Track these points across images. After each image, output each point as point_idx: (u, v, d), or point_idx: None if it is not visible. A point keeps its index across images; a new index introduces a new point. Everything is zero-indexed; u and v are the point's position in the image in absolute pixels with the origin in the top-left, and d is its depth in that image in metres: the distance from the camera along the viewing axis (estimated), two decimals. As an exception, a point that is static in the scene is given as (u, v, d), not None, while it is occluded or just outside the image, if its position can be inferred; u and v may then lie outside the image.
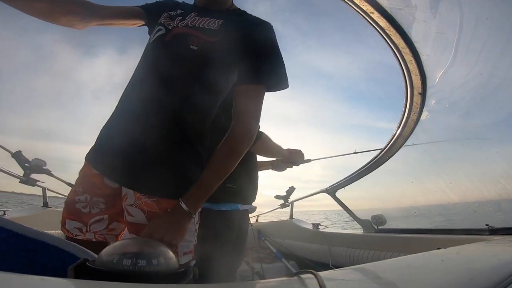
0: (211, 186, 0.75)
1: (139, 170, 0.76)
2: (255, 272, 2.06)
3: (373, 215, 1.80)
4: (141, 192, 0.76)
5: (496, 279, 0.39)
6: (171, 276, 0.46)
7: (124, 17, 0.85)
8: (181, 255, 0.78)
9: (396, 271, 0.52)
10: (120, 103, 0.83)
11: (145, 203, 0.75)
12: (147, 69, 0.82)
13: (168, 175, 0.76)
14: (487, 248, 0.77)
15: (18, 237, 0.43)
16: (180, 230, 0.73)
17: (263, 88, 0.78)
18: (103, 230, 0.80)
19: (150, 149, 0.76)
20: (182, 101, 0.77)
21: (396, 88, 1.57)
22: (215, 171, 0.76)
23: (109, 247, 0.46)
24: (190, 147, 0.80)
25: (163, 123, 0.76)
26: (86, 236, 0.79)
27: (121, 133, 0.77)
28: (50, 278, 0.28)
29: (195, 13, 0.82)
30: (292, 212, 2.86)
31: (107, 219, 0.81)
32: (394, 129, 1.57)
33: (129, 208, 0.77)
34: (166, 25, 0.82)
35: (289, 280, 0.40)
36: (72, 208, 0.79)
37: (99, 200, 0.79)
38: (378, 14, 0.90)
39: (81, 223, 0.78)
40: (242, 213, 1.38)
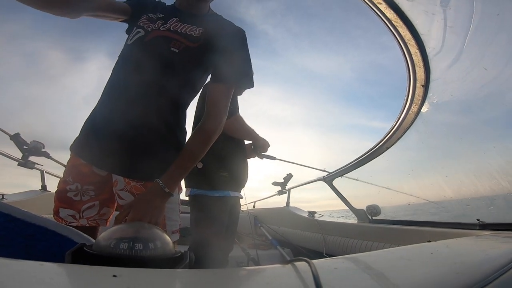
0: (187, 168, 0.83)
1: (126, 158, 0.82)
2: (250, 258, 2.11)
3: (368, 205, 1.83)
4: (130, 177, 0.83)
5: (482, 274, 0.41)
6: (168, 260, 0.47)
7: (113, 11, 0.89)
8: (170, 234, 0.85)
9: (387, 262, 0.53)
10: (103, 96, 0.88)
11: (134, 187, 0.84)
12: (127, 67, 0.87)
13: (153, 161, 0.83)
14: (476, 242, 0.79)
15: (16, 221, 0.44)
16: (160, 209, 0.78)
17: (233, 87, 0.90)
18: (95, 216, 0.87)
19: (135, 138, 0.82)
20: (162, 95, 0.85)
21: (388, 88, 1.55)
22: (191, 155, 0.84)
23: (106, 231, 0.47)
24: (171, 135, 0.88)
25: (146, 114, 0.83)
26: (80, 223, 0.85)
27: (105, 124, 0.83)
28: (49, 264, 0.29)
29: (177, 18, 0.89)
30: (289, 200, 2.89)
31: (98, 205, 0.87)
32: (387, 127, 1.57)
33: (120, 193, 0.85)
34: (145, 28, 0.88)
35: (284, 267, 0.41)
36: (64, 197, 0.84)
37: (89, 187, 0.85)
38: (385, 5, 0.88)
39: (74, 211, 0.84)
40: (233, 199, 1.45)
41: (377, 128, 36.98)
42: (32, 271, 0.26)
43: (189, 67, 0.88)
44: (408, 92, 1.34)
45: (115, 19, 0.92)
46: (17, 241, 0.44)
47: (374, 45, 28.59)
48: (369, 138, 39.36)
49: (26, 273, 0.26)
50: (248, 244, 2.51)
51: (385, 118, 33.52)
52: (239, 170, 1.49)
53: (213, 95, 0.89)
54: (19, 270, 0.26)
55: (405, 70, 1.26)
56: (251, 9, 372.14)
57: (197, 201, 1.38)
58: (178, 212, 0.91)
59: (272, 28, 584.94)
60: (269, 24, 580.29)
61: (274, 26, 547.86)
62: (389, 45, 1.31)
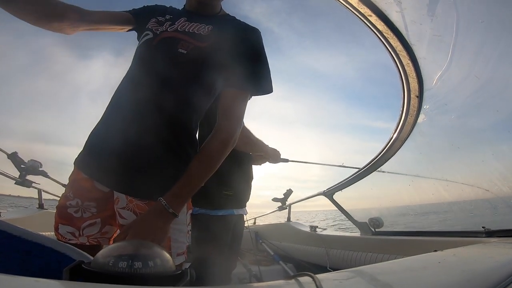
0: (194, 186, 0.75)
1: (130, 174, 0.76)
2: (252, 275, 2.05)
3: (371, 218, 1.81)
4: (133, 196, 0.76)
5: (493, 281, 0.40)
6: (168, 278, 0.45)
7: (112, 22, 0.86)
8: (175, 256, 0.78)
9: (393, 273, 0.52)
10: (109, 108, 0.83)
11: (137, 205, 0.76)
12: (135, 74, 0.83)
13: (159, 178, 0.76)
14: (483, 250, 0.78)
15: (13, 238, 0.43)
16: (163, 231, 0.71)
17: (249, 94, 0.81)
18: (96, 234, 0.80)
19: (141, 153, 0.76)
20: (171, 104, 0.77)
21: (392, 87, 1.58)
22: (199, 172, 0.75)
23: (105, 249, 0.46)
24: (181, 149, 0.80)
25: (153, 126, 0.77)
26: (79, 240, 0.79)
27: (111, 137, 0.77)
28: (45, 280, 0.28)
29: (185, 18, 0.83)
30: (290, 215, 2.86)
31: (100, 223, 0.81)
32: (391, 128, 1.57)
33: (121, 211, 0.77)
34: (153, 30, 0.83)
35: (287, 283, 0.40)
36: (64, 213, 0.79)
37: (91, 204, 0.79)
38: (375, 17, 0.91)
39: (74, 228, 0.78)
40: (237, 217, 1.40)
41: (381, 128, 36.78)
42: (28, 287, 0.25)
43: (199, 70, 0.79)
44: (403, 103, 1.35)
45: (118, 30, 0.89)
46: (13, 257, 0.42)
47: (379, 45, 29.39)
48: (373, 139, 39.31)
49: (21, 290, 0.25)
50: (249, 260, 2.45)
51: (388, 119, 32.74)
52: (243, 186, 1.42)
53: (225, 103, 0.79)
54: (14, 286, 0.25)
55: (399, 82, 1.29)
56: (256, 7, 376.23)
57: (199, 220, 1.33)
58: (186, 233, 0.82)
59: (276, 26, 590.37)
60: (274, 23, 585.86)
61: (278, 24, 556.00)
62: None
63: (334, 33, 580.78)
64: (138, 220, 0.71)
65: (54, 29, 0.78)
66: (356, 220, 1.92)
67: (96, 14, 0.82)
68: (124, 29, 0.90)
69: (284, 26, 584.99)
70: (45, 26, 0.76)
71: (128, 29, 0.91)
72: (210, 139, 0.78)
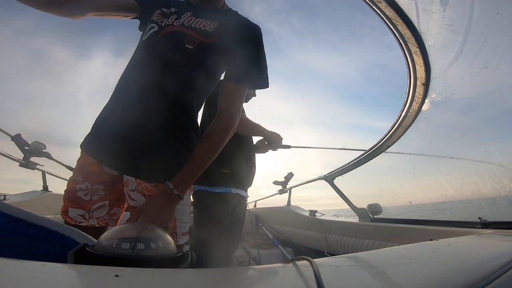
0: (198, 171, 0.81)
1: (138, 158, 0.80)
2: (251, 258, 2.11)
3: (369, 204, 1.83)
4: (141, 178, 0.81)
5: (485, 273, 0.40)
6: (169, 260, 0.47)
7: (120, 9, 0.86)
8: (180, 236, 0.84)
9: (389, 260, 0.53)
10: (115, 94, 0.86)
11: (145, 188, 0.81)
12: (141, 64, 0.84)
13: (165, 162, 0.81)
14: (478, 241, 0.79)
15: (18, 222, 0.44)
16: (170, 213, 0.77)
17: (247, 87, 0.89)
18: (105, 216, 0.85)
19: (148, 138, 0.80)
20: (175, 90, 0.82)
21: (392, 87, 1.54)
22: (202, 158, 0.81)
23: (108, 231, 0.47)
24: (185, 134, 0.86)
25: (159, 112, 0.81)
26: (89, 223, 0.83)
27: (118, 122, 0.80)
28: (51, 264, 0.29)
29: (190, 12, 0.86)
30: (290, 199, 2.90)
31: (108, 205, 0.85)
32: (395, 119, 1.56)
33: (131, 193, 0.82)
34: (159, 23, 0.85)
35: (285, 266, 0.41)
36: (74, 196, 0.82)
37: (99, 187, 0.83)
38: (385, 4, 0.88)
39: (84, 210, 0.82)
40: (237, 197, 1.43)
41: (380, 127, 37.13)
42: (34, 271, 0.27)
43: (204, 65, 0.85)
44: (409, 90, 1.33)
45: (123, 17, 0.89)
46: (19, 242, 0.44)
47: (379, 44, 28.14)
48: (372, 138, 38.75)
49: (28, 273, 0.26)
50: (249, 244, 2.51)
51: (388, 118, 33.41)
52: (241, 167, 1.45)
53: (227, 94, 0.85)
54: (21, 270, 0.26)
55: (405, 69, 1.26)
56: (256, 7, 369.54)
57: (198, 198, 1.37)
58: (188, 213, 0.89)
59: (276, 26, 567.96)
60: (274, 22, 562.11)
61: (278, 24, 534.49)
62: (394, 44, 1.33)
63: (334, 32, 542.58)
64: (148, 203, 0.76)
65: (63, 14, 0.78)
66: (355, 206, 1.94)
67: (104, 0, 0.83)
68: (128, 17, 0.90)
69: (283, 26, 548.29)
70: (54, 11, 0.76)
71: (132, 17, 0.91)
72: (213, 127, 0.83)
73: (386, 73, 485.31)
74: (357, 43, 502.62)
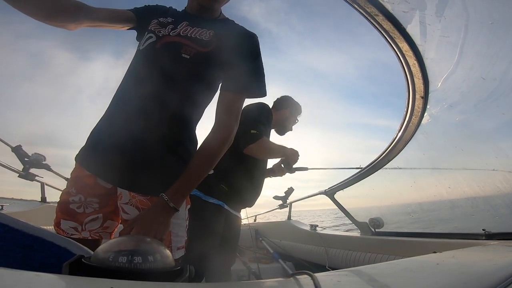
0: (195, 182, 0.80)
1: (133, 171, 0.79)
2: (251, 272, 2.06)
3: (371, 218, 1.81)
4: (135, 191, 0.79)
5: (491, 284, 0.40)
6: (167, 273, 0.46)
7: (115, 20, 0.87)
8: (175, 250, 0.82)
9: (392, 274, 0.52)
10: (112, 106, 0.85)
11: (139, 201, 0.79)
12: (138, 75, 0.84)
13: (161, 174, 0.79)
14: (482, 252, 0.77)
15: (14, 232, 0.43)
16: (165, 225, 0.74)
17: (244, 96, 0.87)
18: (98, 229, 0.83)
19: (143, 150, 0.79)
20: (173, 103, 0.81)
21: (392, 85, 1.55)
22: (198, 169, 0.80)
23: (105, 244, 0.47)
24: (182, 146, 0.84)
25: (156, 125, 0.80)
26: (81, 235, 0.81)
27: (113, 135, 0.79)
28: (45, 274, 0.28)
29: (186, 22, 0.86)
30: (290, 213, 2.86)
31: (102, 218, 0.83)
32: (391, 125, 1.57)
33: (124, 206, 0.80)
34: (156, 33, 0.85)
35: (286, 281, 0.40)
36: (66, 209, 0.81)
37: (93, 200, 0.82)
38: (382, 17, 0.90)
39: (77, 223, 0.81)
40: (229, 213, 1.40)
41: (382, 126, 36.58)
42: (28, 281, 0.26)
43: (201, 74, 0.84)
44: (408, 103, 1.34)
45: (119, 28, 0.90)
46: (15, 252, 0.43)
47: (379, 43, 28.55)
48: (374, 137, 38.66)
49: (21, 284, 0.25)
50: (249, 258, 2.46)
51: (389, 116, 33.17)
52: (242, 189, 1.42)
53: (224, 103, 0.84)
54: (15, 280, 0.26)
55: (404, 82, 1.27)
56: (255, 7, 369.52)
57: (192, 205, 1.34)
58: (185, 227, 0.86)
59: (275, 26, 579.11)
60: (273, 22, 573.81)
61: (277, 24, 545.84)
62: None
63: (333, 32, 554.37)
64: (142, 215, 0.74)
65: (57, 25, 0.79)
66: (356, 220, 1.92)
67: (99, 11, 0.83)
68: (124, 28, 0.91)
69: (283, 26, 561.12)
70: (48, 21, 0.77)
71: (128, 28, 0.91)
72: (211, 138, 0.82)
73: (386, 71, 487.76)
74: (356, 41, 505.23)
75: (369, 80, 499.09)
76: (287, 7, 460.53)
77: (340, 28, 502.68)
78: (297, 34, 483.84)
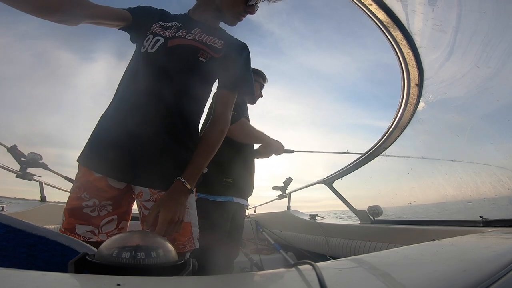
0: (202, 167, 0.89)
1: (151, 168, 0.83)
2: (254, 263, 2.09)
3: (370, 206, 1.83)
4: (156, 188, 0.84)
5: (489, 271, 0.40)
6: (170, 268, 0.46)
7: (112, 18, 0.89)
8: (196, 240, 0.89)
9: (392, 261, 0.53)
10: (116, 105, 0.87)
11: (159, 196, 0.84)
12: (146, 72, 0.86)
13: (173, 169, 0.84)
14: (481, 240, 0.79)
15: (17, 232, 0.43)
16: (184, 206, 0.82)
17: (236, 94, 1.01)
18: (114, 230, 0.85)
19: (160, 147, 0.84)
20: (183, 100, 0.88)
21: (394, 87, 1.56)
22: (206, 154, 0.89)
23: (108, 240, 0.47)
24: (191, 141, 0.91)
25: (167, 121, 0.85)
26: (99, 238, 0.82)
27: (125, 134, 0.81)
28: (52, 273, 0.28)
29: (200, 29, 0.95)
30: (290, 203, 2.88)
31: (116, 219, 0.86)
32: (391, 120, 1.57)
33: (146, 204, 0.85)
34: (162, 35, 0.90)
35: (288, 271, 0.41)
36: (80, 213, 0.81)
37: (107, 203, 0.84)
38: (376, 6, 0.90)
39: (93, 226, 0.82)
40: (237, 205, 1.42)
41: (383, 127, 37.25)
42: (35, 281, 0.26)
43: (212, 77, 0.96)
44: (403, 92, 1.35)
45: (115, 27, 0.92)
46: (19, 252, 0.43)
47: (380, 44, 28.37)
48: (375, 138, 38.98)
49: (28, 283, 0.25)
50: (250, 250, 2.49)
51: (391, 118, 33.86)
52: (242, 176, 1.45)
53: (222, 99, 0.97)
54: (21, 280, 0.26)
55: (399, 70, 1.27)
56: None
57: (198, 206, 1.36)
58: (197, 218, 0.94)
59: (277, 27, 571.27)
60: (275, 24, 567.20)
61: (279, 25, 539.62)
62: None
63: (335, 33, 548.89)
64: (164, 198, 0.80)
65: (57, 21, 0.79)
66: (355, 209, 1.94)
67: (98, 8, 0.85)
68: (118, 26, 0.92)
69: (285, 27, 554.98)
70: (48, 17, 0.77)
71: (121, 27, 0.92)
72: (211, 128, 0.93)
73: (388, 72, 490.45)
74: (358, 43, 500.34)
75: (371, 82, 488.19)
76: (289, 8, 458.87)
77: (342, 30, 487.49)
78: (299, 35, 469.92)
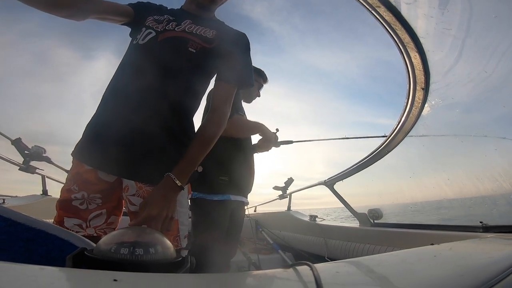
0: (196, 162, 0.83)
1: (138, 161, 0.80)
2: (251, 263, 2.09)
3: (370, 209, 1.82)
4: (143, 182, 0.81)
5: (486, 277, 0.40)
6: (169, 265, 0.46)
7: (118, 14, 0.90)
8: (182, 239, 0.85)
9: (390, 265, 0.53)
10: (107, 100, 0.86)
11: (146, 191, 0.81)
12: (139, 68, 0.85)
13: (167, 163, 0.80)
14: (479, 245, 0.78)
15: (17, 226, 0.43)
16: (174, 203, 0.77)
17: (236, 86, 0.95)
18: (102, 225, 0.83)
19: (148, 140, 0.80)
20: (175, 92, 0.85)
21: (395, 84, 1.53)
22: (201, 149, 0.83)
23: (107, 236, 0.47)
24: (184, 135, 0.87)
25: (160, 115, 0.82)
26: (87, 232, 0.81)
27: (115, 127, 0.79)
28: (49, 268, 0.29)
29: (190, 20, 0.92)
30: (290, 204, 2.88)
31: (105, 214, 0.84)
32: (394, 124, 1.56)
33: (131, 198, 0.81)
34: (154, 28, 0.89)
35: (285, 271, 0.41)
36: (69, 206, 0.81)
37: (96, 196, 0.82)
38: (384, 8, 0.89)
39: (81, 220, 0.81)
40: (235, 203, 1.41)
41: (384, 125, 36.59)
42: (33, 275, 0.26)
43: (203, 68, 0.91)
44: (408, 95, 1.34)
45: (118, 22, 0.93)
46: (18, 245, 0.43)
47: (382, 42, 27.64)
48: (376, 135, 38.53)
49: (26, 277, 0.25)
50: (249, 249, 2.49)
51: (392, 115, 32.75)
52: (240, 173, 1.43)
53: (220, 92, 0.92)
54: (19, 274, 0.26)
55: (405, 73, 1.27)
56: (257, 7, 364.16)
57: (196, 205, 1.36)
58: (188, 216, 0.91)
59: (278, 25, 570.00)
60: (275, 21, 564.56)
61: (280, 23, 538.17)
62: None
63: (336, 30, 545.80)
64: (151, 195, 0.75)
65: (65, 16, 0.80)
66: (355, 211, 1.94)
67: (105, 4, 0.87)
68: (122, 22, 0.94)
69: (285, 25, 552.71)
70: (57, 12, 0.78)
71: (123, 23, 0.94)
72: (208, 122, 0.88)
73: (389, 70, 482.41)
74: (359, 40, 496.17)
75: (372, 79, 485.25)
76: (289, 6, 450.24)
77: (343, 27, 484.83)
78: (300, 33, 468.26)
